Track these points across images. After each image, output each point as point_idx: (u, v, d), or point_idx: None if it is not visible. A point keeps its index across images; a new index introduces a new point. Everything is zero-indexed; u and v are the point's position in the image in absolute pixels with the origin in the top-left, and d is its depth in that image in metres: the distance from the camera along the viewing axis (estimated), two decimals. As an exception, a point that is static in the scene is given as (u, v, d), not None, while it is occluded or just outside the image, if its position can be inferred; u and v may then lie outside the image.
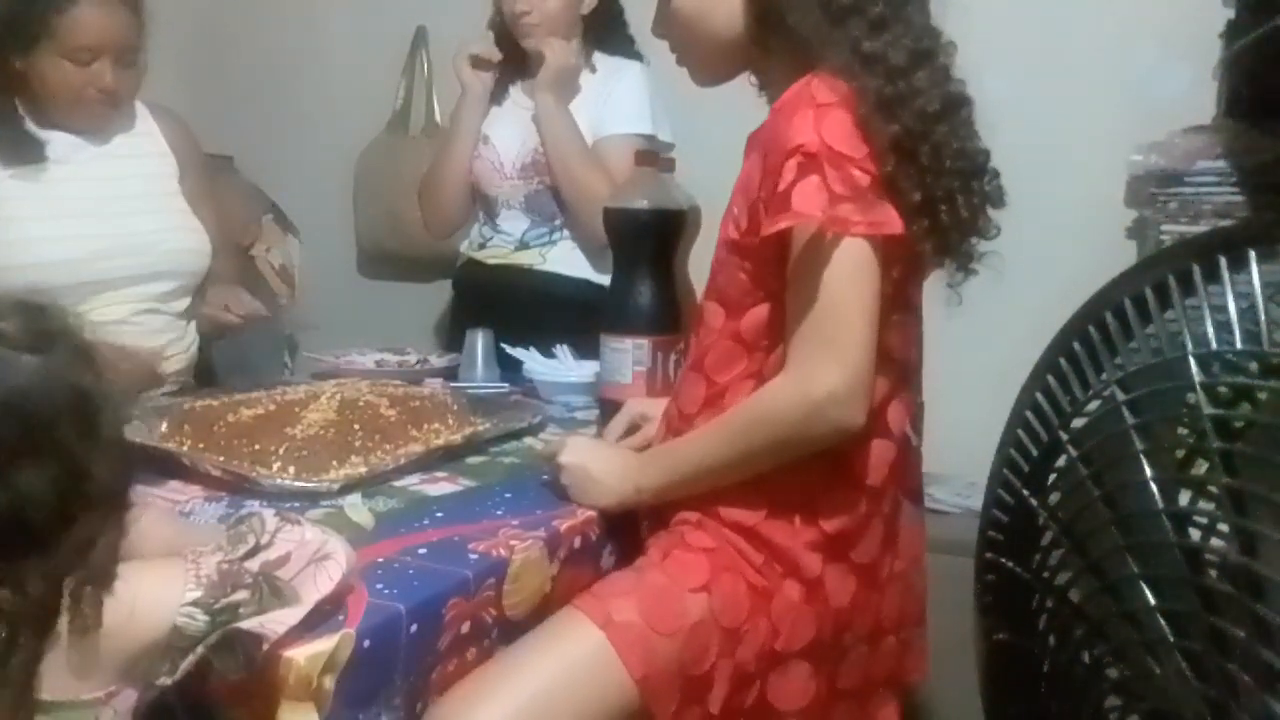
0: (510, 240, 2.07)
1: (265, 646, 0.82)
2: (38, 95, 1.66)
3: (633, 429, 1.37)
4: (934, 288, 1.20)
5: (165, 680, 0.80)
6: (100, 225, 1.69)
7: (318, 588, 0.87)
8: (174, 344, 1.79)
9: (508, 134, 2.03)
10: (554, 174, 1.97)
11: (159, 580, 0.82)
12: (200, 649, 0.80)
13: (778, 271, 1.11)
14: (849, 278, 1.05)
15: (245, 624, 0.81)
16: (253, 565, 0.85)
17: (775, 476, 1.13)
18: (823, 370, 1.05)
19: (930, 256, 1.11)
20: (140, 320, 1.73)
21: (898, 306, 1.14)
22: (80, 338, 0.82)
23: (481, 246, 2.11)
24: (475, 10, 2.13)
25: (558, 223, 2.03)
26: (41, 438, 0.76)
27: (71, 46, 1.61)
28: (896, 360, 1.17)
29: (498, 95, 2.07)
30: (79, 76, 1.64)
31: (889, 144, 1.06)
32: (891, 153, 1.06)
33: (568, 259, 2.04)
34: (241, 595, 0.82)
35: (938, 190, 1.08)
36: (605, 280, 1.97)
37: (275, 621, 0.82)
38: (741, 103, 1.28)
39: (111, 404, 0.81)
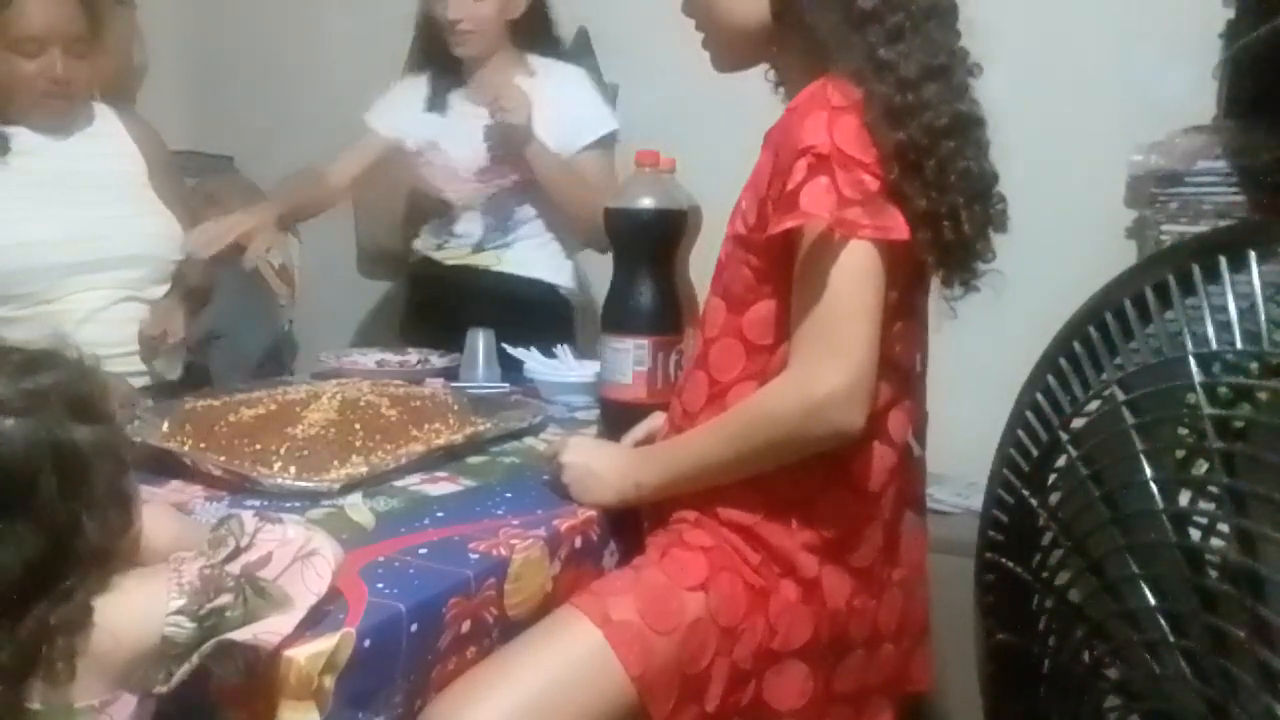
0: (468, 242, 2.13)
1: (262, 654, 0.82)
2: None
3: (651, 439, 1.36)
4: (936, 291, 1.19)
5: (161, 689, 0.81)
6: (64, 210, 1.71)
7: (306, 585, 0.87)
8: None
9: (458, 141, 2.06)
10: (553, 204, 2.04)
11: (143, 593, 0.82)
12: (195, 658, 0.81)
13: (784, 270, 1.11)
14: (854, 280, 1.05)
15: (239, 635, 0.81)
16: (234, 568, 0.85)
17: (774, 478, 1.13)
18: (824, 371, 1.05)
19: (933, 270, 1.11)
20: (120, 308, 1.74)
21: (902, 314, 1.15)
22: (75, 389, 0.81)
23: (439, 247, 2.16)
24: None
25: (511, 224, 2.10)
26: (19, 502, 0.76)
27: (15, 38, 1.63)
28: (899, 367, 1.17)
29: (437, 104, 2.11)
30: (29, 69, 1.65)
31: (893, 151, 1.06)
32: (896, 160, 1.06)
33: (523, 260, 2.11)
34: (225, 599, 0.82)
35: (941, 206, 1.08)
36: (560, 281, 2.14)
37: (269, 631, 0.82)
38: (743, 104, 1.28)
39: (109, 459, 0.80)
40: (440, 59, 2.09)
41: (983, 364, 1.75)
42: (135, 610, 0.81)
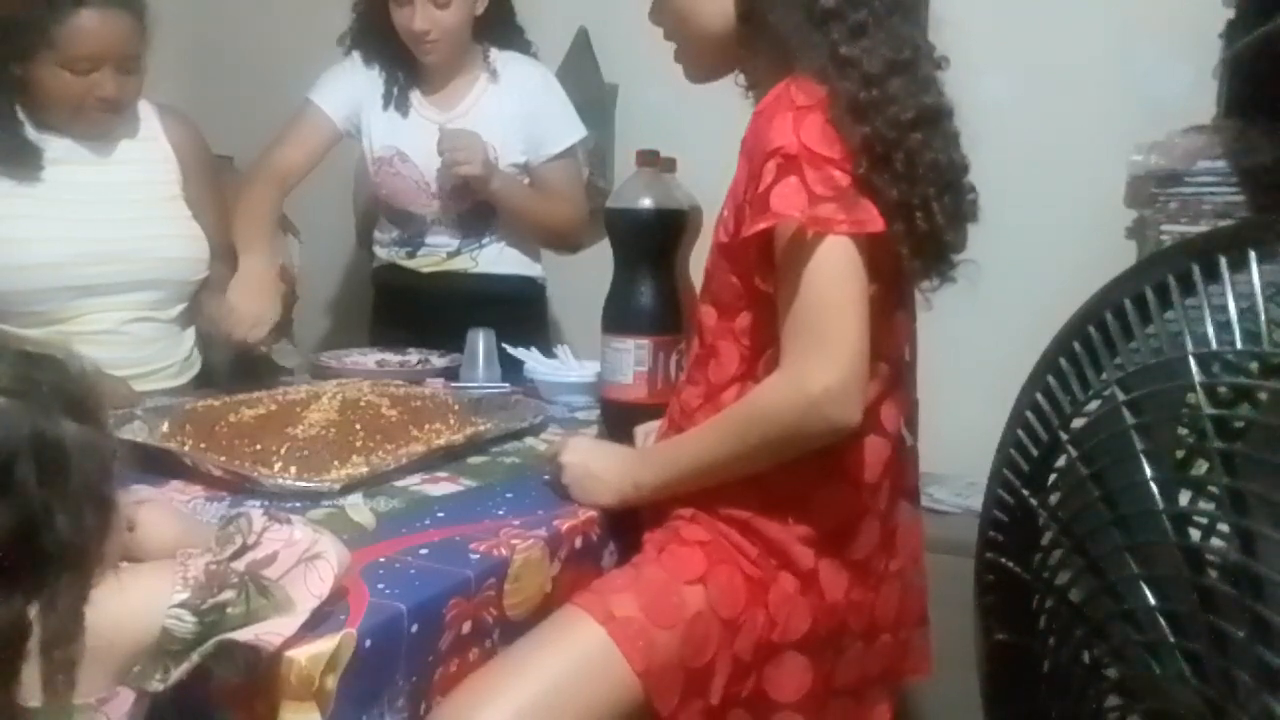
0: (443, 250, 2.10)
1: (264, 655, 0.82)
2: (38, 101, 1.65)
3: None
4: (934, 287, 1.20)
5: (158, 686, 0.81)
6: (90, 230, 1.66)
7: (308, 588, 0.87)
8: (169, 351, 1.78)
9: (426, 150, 2.00)
10: (521, 226, 2.06)
11: (147, 585, 0.82)
12: (195, 657, 0.81)
13: (764, 274, 1.11)
14: (836, 276, 1.05)
15: (240, 635, 0.81)
16: (239, 565, 0.85)
17: (769, 473, 1.13)
18: (816, 368, 1.05)
19: (906, 261, 1.11)
20: (130, 329, 1.71)
21: (889, 306, 1.15)
22: (70, 388, 0.80)
23: (410, 255, 2.12)
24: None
25: (487, 232, 2.08)
26: None
27: (70, 56, 1.59)
28: (889, 359, 1.17)
29: (399, 102, 2.05)
30: (78, 86, 1.62)
31: (860, 145, 1.06)
32: (863, 154, 1.06)
33: (498, 259, 2.10)
34: (228, 595, 0.82)
35: (913, 197, 1.08)
36: (534, 273, 2.14)
37: (271, 633, 0.83)
38: (743, 104, 1.28)
39: (92, 460, 0.79)
40: (392, 52, 2.02)
41: (983, 364, 1.75)
42: (139, 600, 0.81)
